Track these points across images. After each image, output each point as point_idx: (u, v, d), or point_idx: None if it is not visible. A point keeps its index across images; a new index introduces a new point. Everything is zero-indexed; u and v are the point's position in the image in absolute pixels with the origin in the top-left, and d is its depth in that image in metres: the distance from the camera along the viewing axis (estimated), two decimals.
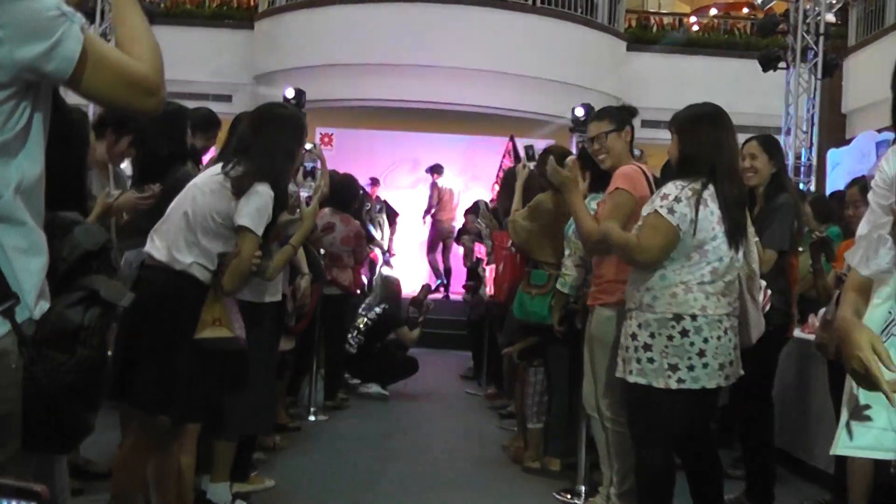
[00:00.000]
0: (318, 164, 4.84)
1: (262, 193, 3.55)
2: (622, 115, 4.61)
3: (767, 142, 4.86)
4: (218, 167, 3.67)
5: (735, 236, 3.69)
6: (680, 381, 3.61)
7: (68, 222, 1.79)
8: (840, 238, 5.87)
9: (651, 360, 3.65)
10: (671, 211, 3.61)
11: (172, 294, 3.43)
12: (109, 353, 1.72)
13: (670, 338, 3.62)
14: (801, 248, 5.20)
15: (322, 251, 6.71)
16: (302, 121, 3.93)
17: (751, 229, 3.94)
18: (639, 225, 3.76)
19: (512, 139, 11.02)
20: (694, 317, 3.61)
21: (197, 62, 14.21)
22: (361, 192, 8.76)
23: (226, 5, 16.47)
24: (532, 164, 5.45)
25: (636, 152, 5.21)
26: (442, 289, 14.10)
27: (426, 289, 10.13)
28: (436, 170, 14.53)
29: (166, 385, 3.35)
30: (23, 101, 1.67)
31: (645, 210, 3.75)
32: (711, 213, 3.63)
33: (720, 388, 3.76)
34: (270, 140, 3.67)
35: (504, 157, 11.48)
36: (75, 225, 1.79)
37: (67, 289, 1.69)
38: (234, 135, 4.09)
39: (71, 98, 2.18)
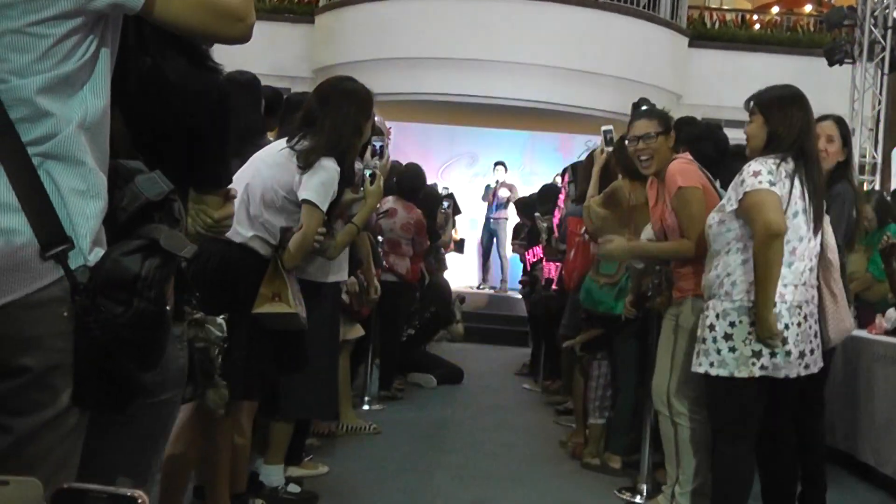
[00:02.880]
0: (385, 141, 4.74)
1: (328, 168, 3.46)
2: (670, 120, 4.49)
3: (843, 124, 4.54)
4: (283, 141, 3.58)
5: (819, 221, 3.56)
6: (763, 367, 3.47)
7: (130, 170, 1.67)
8: None
9: (732, 350, 3.50)
10: (771, 183, 3.46)
11: (231, 267, 3.33)
12: (169, 307, 1.58)
13: (753, 324, 3.47)
14: (857, 245, 4.96)
15: (381, 238, 6.62)
16: (370, 95, 3.82)
17: (827, 218, 3.77)
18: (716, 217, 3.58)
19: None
20: (773, 304, 3.45)
21: (256, 56, 14.17)
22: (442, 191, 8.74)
23: (287, 0, 16.53)
24: (610, 149, 5.26)
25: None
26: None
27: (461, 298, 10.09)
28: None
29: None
30: (90, 35, 1.55)
31: (732, 193, 3.57)
32: (792, 187, 3.50)
33: (799, 381, 3.59)
34: (338, 114, 3.58)
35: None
36: (138, 173, 1.66)
37: (126, 238, 1.56)
38: (288, 113, 3.99)
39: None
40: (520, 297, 11.22)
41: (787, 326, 3.47)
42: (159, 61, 1.91)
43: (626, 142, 4.58)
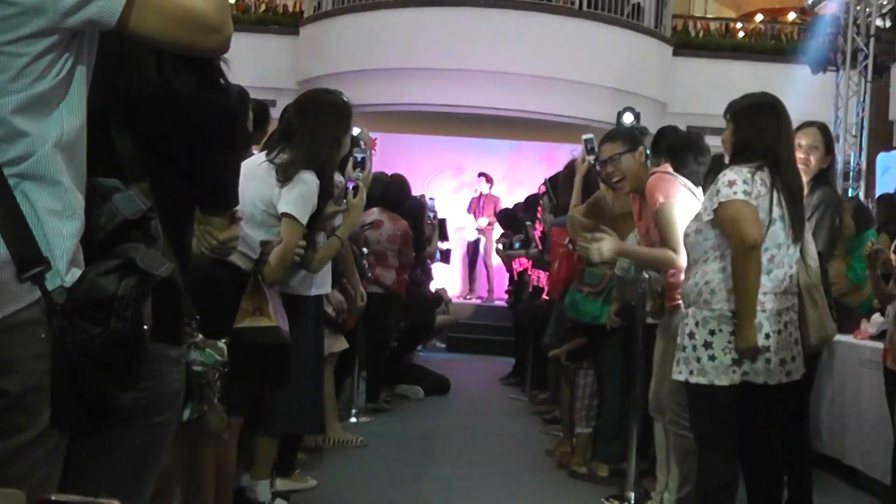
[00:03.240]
0: (367, 153, 4.74)
1: (308, 181, 3.46)
2: (634, 136, 4.53)
3: (826, 132, 4.53)
4: (262, 155, 3.58)
5: (797, 229, 3.56)
6: (744, 374, 3.48)
7: (108, 189, 1.66)
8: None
9: (712, 358, 3.49)
10: (746, 193, 3.46)
11: (212, 282, 3.32)
12: (146, 327, 1.57)
13: (733, 333, 3.47)
14: (835, 252, 4.99)
15: (366, 250, 6.63)
16: (349, 107, 3.83)
17: (807, 224, 3.78)
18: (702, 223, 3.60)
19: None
20: None
21: (241, 67, 13.85)
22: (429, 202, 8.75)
23: (272, 11, 16.52)
24: (591, 158, 5.28)
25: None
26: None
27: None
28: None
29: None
30: (65, 53, 1.54)
31: (708, 203, 3.58)
32: (769, 195, 3.50)
33: (782, 390, 3.59)
34: (316, 127, 3.59)
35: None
36: (115, 192, 1.66)
37: (103, 258, 1.56)
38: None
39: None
40: (506, 306, 11.23)
41: (767, 335, 3.47)
42: (173, 81, 1.91)
43: (597, 167, 4.63)
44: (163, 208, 1.90)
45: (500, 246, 10.32)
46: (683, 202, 4.07)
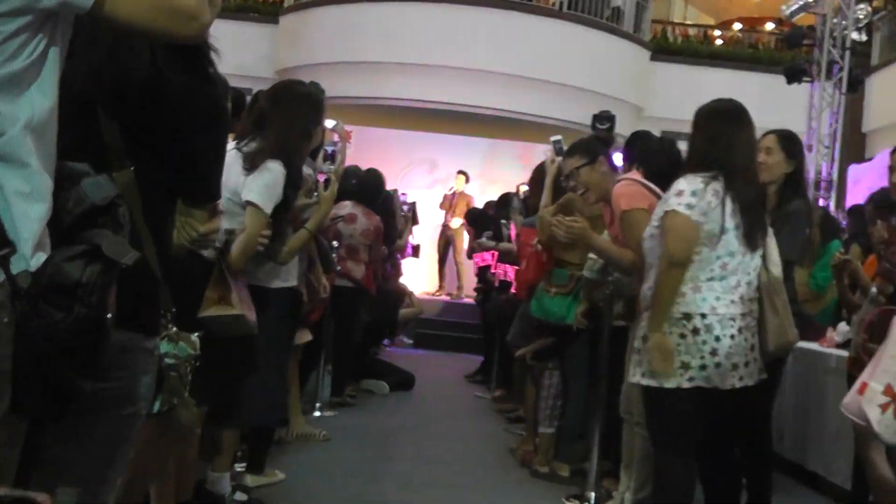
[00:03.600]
0: (339, 146, 4.73)
1: (273, 170, 3.47)
2: (593, 147, 4.61)
3: (786, 138, 4.52)
4: (232, 143, 3.57)
5: (752, 239, 3.57)
6: (691, 379, 3.50)
7: (77, 173, 1.65)
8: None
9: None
10: (689, 206, 3.49)
11: (175, 271, 3.30)
12: (110, 315, 1.57)
13: (682, 336, 3.51)
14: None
15: (336, 243, 6.62)
16: (321, 99, 3.85)
17: (770, 232, 3.80)
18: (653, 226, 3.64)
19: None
20: (704, 315, 3.50)
21: (219, 56, 14.11)
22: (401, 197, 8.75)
23: None
24: (559, 159, 5.33)
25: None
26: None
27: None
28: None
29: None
30: (39, 33, 1.53)
31: (659, 209, 3.63)
32: (721, 205, 3.51)
33: (741, 394, 3.61)
34: (287, 117, 3.60)
35: None
36: (84, 176, 1.65)
37: (69, 243, 1.56)
38: (252, 113, 4.00)
39: None
40: (474, 303, 11.23)
41: (717, 338, 3.50)
42: (165, 70, 1.90)
43: (561, 182, 4.70)
44: (146, 198, 1.91)
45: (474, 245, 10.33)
46: (648, 209, 4.08)
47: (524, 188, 8.42)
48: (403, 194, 9.87)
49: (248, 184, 3.44)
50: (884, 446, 3.36)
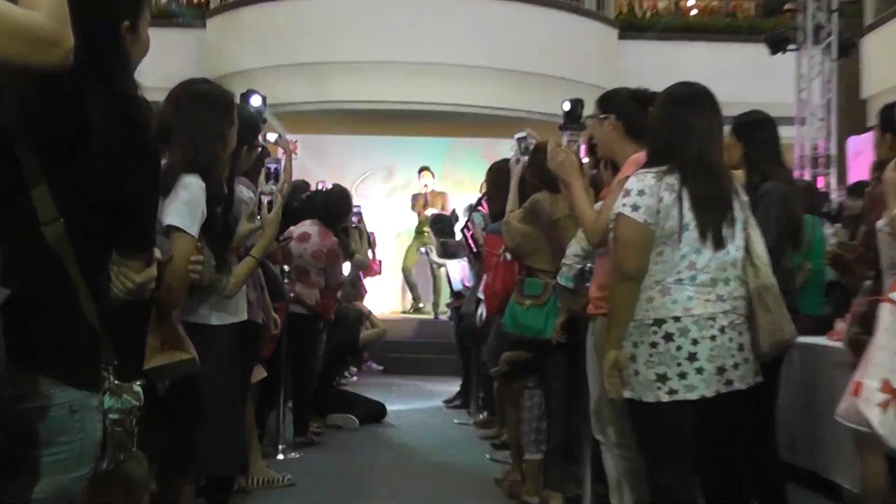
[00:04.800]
0: (283, 164, 4.73)
1: (190, 185, 3.39)
2: (606, 100, 4.45)
3: (735, 120, 4.66)
4: None
5: (711, 236, 3.55)
6: (672, 391, 3.49)
7: None
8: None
9: (636, 373, 3.54)
10: (635, 208, 3.52)
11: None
12: None
13: (653, 344, 3.51)
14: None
15: (286, 267, 6.63)
16: (228, 96, 3.79)
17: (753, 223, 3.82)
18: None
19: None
20: (677, 318, 3.50)
21: (143, 66, 14.02)
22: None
23: (174, 2, 16.39)
24: (525, 159, 5.35)
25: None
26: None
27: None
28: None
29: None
30: None
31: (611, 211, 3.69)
32: (679, 199, 3.52)
33: (734, 400, 3.61)
34: (195, 123, 3.52)
35: None
36: None
37: None
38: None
39: None
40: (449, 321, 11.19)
41: (695, 341, 3.49)
42: (95, 119, 1.95)
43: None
44: (80, 249, 1.96)
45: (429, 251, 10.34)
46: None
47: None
48: (357, 206, 9.87)
49: (166, 207, 3.32)
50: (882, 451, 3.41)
